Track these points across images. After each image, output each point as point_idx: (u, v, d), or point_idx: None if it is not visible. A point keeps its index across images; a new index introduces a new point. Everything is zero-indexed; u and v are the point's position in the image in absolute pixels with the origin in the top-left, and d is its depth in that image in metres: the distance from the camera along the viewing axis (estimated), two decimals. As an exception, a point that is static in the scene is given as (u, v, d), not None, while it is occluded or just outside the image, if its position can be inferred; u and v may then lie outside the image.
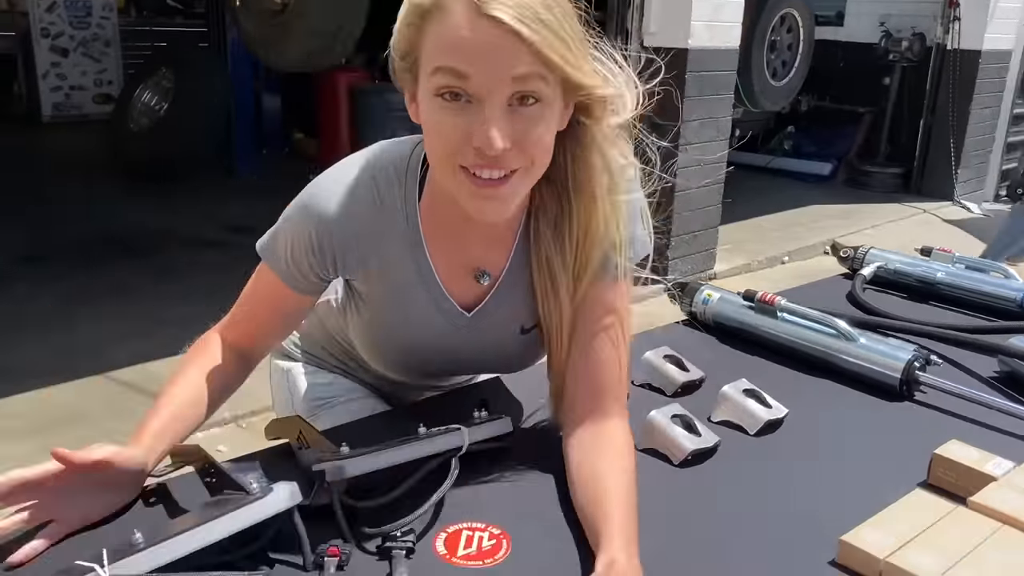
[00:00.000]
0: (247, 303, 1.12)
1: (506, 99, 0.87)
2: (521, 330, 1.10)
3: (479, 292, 1.08)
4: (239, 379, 1.12)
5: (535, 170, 0.93)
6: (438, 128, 0.90)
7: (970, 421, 1.22)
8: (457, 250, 1.06)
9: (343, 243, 1.02)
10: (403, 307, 1.08)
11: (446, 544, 0.89)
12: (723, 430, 1.15)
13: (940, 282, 1.71)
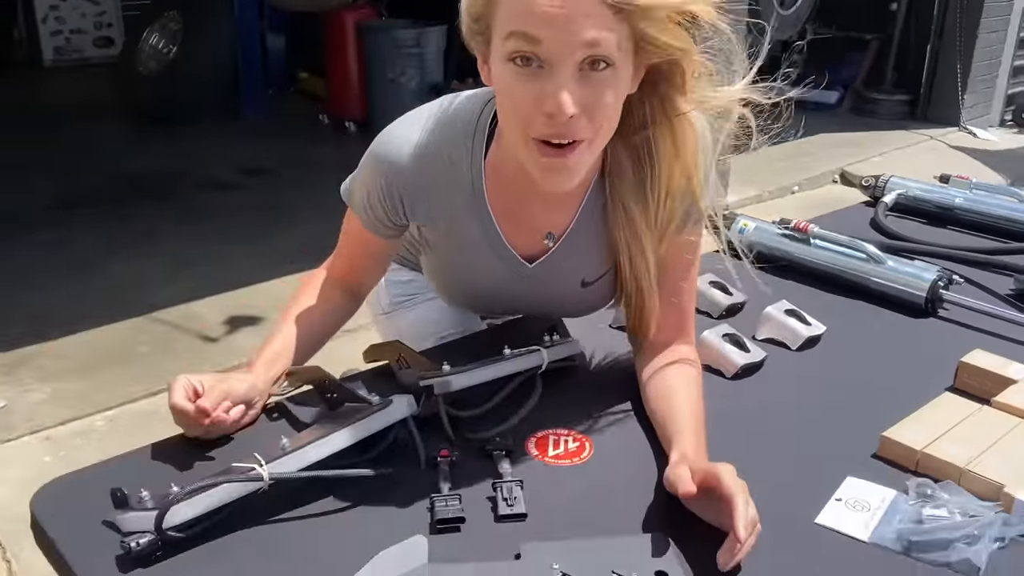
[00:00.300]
0: (342, 244, 1.22)
1: (577, 64, 0.89)
2: (582, 283, 1.17)
3: (544, 247, 1.14)
4: (348, 311, 1.23)
5: (599, 140, 0.96)
6: (510, 94, 0.93)
7: (989, 334, 1.34)
8: (522, 208, 1.10)
9: (412, 193, 1.09)
10: (468, 259, 1.15)
11: (537, 446, 1.02)
12: (767, 346, 1.27)
13: (958, 207, 1.81)
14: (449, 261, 1.19)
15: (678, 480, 0.86)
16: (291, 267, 3.52)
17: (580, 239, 1.12)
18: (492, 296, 1.22)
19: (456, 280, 1.22)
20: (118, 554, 0.83)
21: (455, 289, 1.25)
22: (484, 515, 0.90)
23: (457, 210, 1.10)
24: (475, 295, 1.24)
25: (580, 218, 1.11)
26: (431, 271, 1.25)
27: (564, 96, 0.88)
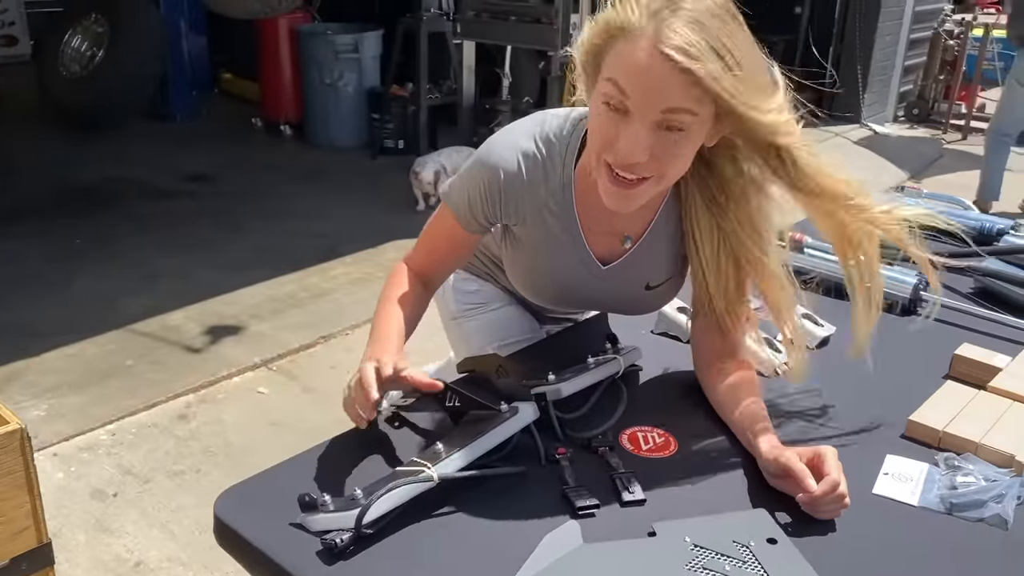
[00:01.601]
0: (427, 238, 1.36)
1: (654, 122, 1.03)
2: (647, 287, 1.33)
3: (619, 251, 1.30)
4: (425, 302, 1.36)
5: (665, 181, 1.11)
6: (598, 126, 1.09)
7: (961, 327, 1.59)
8: (602, 215, 1.23)
9: (511, 195, 1.24)
10: (550, 255, 1.30)
11: (630, 441, 1.20)
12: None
13: (913, 215, 2.07)
14: (532, 256, 1.33)
15: (789, 461, 1.06)
16: (251, 276, 3.61)
17: (650, 248, 1.29)
18: (565, 291, 1.37)
19: (532, 274, 1.36)
20: (318, 550, 0.97)
21: (530, 282, 1.38)
22: (609, 501, 1.07)
23: (547, 213, 1.25)
24: (550, 289, 1.38)
25: (654, 228, 1.27)
26: (510, 265, 1.39)
27: (635, 145, 1.04)
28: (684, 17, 1.01)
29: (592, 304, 1.47)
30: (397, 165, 5.17)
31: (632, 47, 1.02)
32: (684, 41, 1.00)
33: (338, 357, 3.07)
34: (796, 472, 1.05)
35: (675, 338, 1.52)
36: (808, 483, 1.04)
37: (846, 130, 6.88)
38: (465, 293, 1.60)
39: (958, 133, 7.18)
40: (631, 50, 1.02)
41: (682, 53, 0.99)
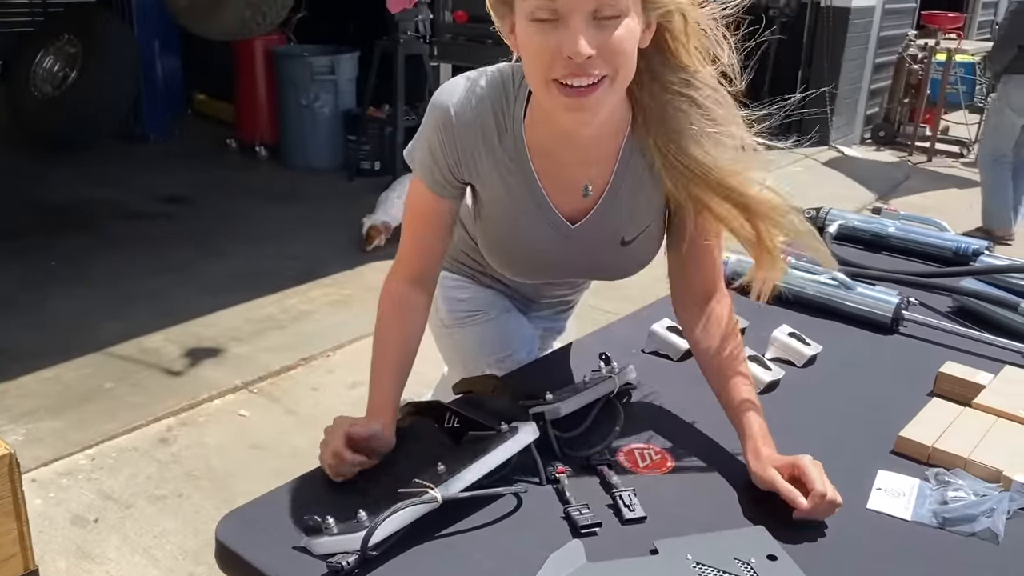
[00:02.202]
0: (408, 224, 1.32)
1: (589, 14, 1.02)
2: (623, 242, 1.29)
3: (584, 206, 1.25)
4: (427, 308, 1.33)
5: (619, 80, 1.07)
6: (534, 47, 1.05)
7: (942, 345, 1.63)
8: (561, 167, 1.22)
9: (464, 141, 1.20)
10: (515, 216, 1.27)
11: (627, 459, 1.21)
12: (778, 364, 1.51)
13: (891, 235, 2.12)
14: (500, 225, 1.30)
15: (774, 483, 1.09)
16: (230, 298, 3.59)
17: (617, 197, 1.24)
18: (539, 258, 1.33)
19: (506, 242, 1.32)
20: (323, 573, 0.97)
21: (506, 255, 1.35)
22: (609, 519, 1.09)
23: (504, 170, 1.23)
24: (523, 258, 1.34)
25: (616, 176, 1.23)
26: (481, 236, 1.35)
27: (580, 40, 1.01)
28: None
29: (571, 270, 1.41)
30: (374, 186, 5.16)
31: None
32: None
33: (319, 379, 3.06)
34: (782, 492, 1.09)
35: (667, 357, 1.54)
36: (798, 501, 1.08)
37: (815, 152, 7.00)
38: (457, 301, 1.60)
39: (924, 155, 7.34)
40: None
41: None
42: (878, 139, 7.85)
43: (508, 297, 1.63)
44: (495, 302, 1.61)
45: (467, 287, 1.61)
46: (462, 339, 1.60)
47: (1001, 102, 5.12)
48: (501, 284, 1.61)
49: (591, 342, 1.59)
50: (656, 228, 1.30)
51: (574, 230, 1.27)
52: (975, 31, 10.13)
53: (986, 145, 5.29)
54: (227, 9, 4.32)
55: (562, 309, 1.74)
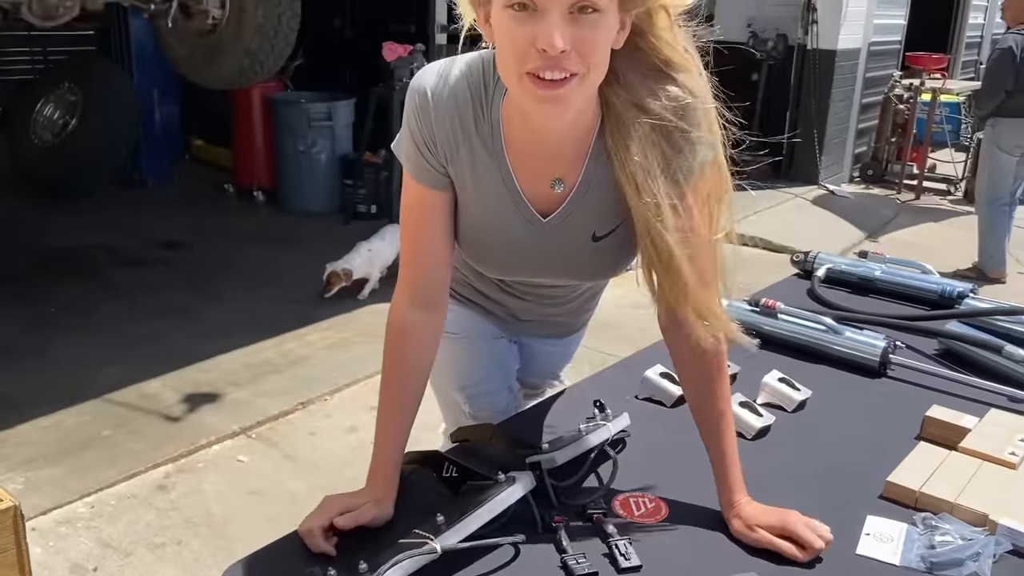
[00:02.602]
0: (404, 225, 1.29)
1: (566, 7, 1.01)
2: (593, 237, 1.27)
3: (555, 200, 1.24)
4: (436, 332, 1.31)
5: (590, 77, 1.06)
6: (509, 37, 1.05)
7: (929, 388, 1.67)
8: (534, 160, 1.21)
9: (441, 122, 1.19)
10: (489, 207, 1.25)
11: (622, 507, 1.24)
12: (768, 410, 1.55)
13: (878, 279, 2.17)
14: (473, 214, 1.28)
15: (764, 542, 1.14)
16: (228, 342, 3.62)
17: (588, 192, 1.23)
18: (512, 252, 1.31)
19: (477, 233, 1.30)
20: (328, 624, 0.99)
21: (478, 243, 1.32)
22: (606, 568, 1.11)
23: (478, 155, 1.22)
24: (497, 252, 1.32)
25: (586, 171, 1.22)
26: (460, 232, 1.31)
27: (555, 33, 1.00)
28: None
29: (543, 266, 1.36)
30: (370, 229, 5.20)
31: None
32: None
33: (317, 423, 3.08)
34: (775, 548, 1.13)
35: (660, 403, 1.57)
36: (792, 553, 1.12)
37: (804, 191, 7.10)
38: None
39: (912, 192, 7.44)
40: None
41: None
42: (867, 177, 7.96)
43: (490, 314, 1.58)
44: (475, 325, 1.58)
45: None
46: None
47: (991, 145, 5.19)
48: (484, 298, 1.56)
49: (585, 388, 1.62)
50: (627, 230, 1.25)
51: (546, 223, 1.26)
52: (959, 70, 10.32)
53: (983, 189, 5.34)
54: (225, 59, 4.40)
55: (552, 333, 1.67)
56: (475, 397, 1.59)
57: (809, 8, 7.04)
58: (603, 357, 3.40)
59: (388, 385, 1.27)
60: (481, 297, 1.57)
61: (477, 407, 1.59)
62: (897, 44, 8.46)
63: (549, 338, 1.67)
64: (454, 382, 1.59)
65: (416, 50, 5.03)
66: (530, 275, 1.42)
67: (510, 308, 1.56)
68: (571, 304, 1.57)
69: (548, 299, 1.54)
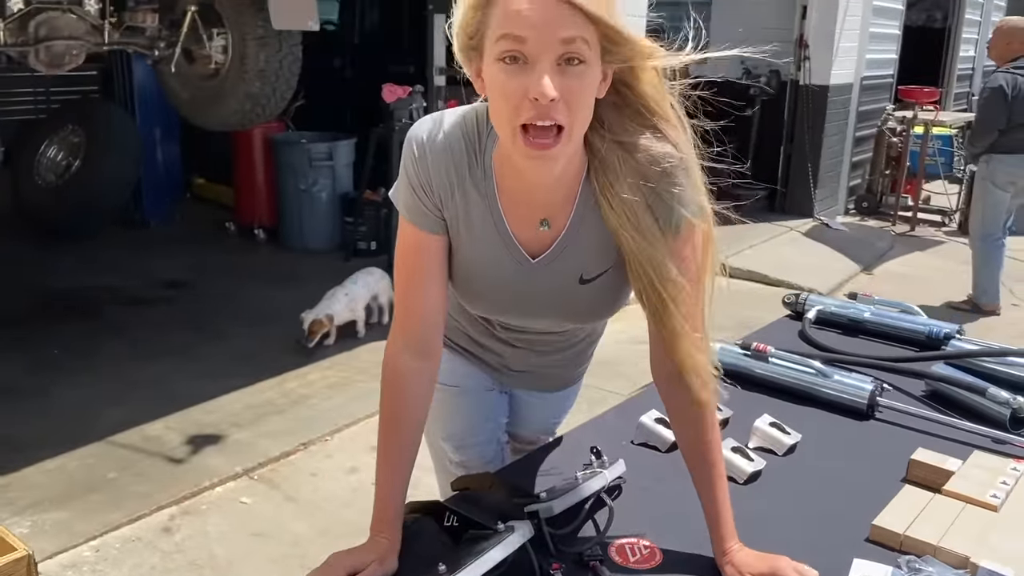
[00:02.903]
0: (399, 269, 1.33)
1: (555, 59, 1.07)
2: (580, 279, 1.32)
3: (544, 241, 1.29)
4: (432, 382, 1.34)
5: (576, 130, 1.12)
6: (501, 90, 1.10)
7: (916, 431, 1.71)
8: (524, 205, 1.27)
9: (436, 167, 1.25)
10: (480, 248, 1.30)
11: (618, 554, 1.28)
12: (759, 454, 1.59)
13: (867, 320, 2.22)
14: (464, 255, 1.32)
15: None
16: (230, 382, 3.66)
17: (577, 235, 1.28)
18: (502, 290, 1.35)
19: (470, 274, 1.35)
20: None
21: (469, 282, 1.36)
22: (601, 613, 1.15)
23: (471, 197, 1.27)
24: (487, 291, 1.37)
25: (575, 215, 1.27)
26: (455, 275, 1.36)
27: (546, 81, 1.06)
28: None
29: (532, 306, 1.39)
30: (371, 266, 5.29)
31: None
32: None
33: (318, 464, 3.12)
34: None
35: (655, 448, 1.62)
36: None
37: (799, 224, 7.18)
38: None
39: (907, 224, 7.53)
40: (513, 2, 1.09)
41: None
42: (861, 210, 8.05)
43: (483, 363, 1.60)
44: (466, 375, 1.60)
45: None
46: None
47: (985, 182, 5.24)
48: (476, 346, 1.59)
49: (582, 434, 1.67)
50: (616, 275, 1.30)
51: (535, 264, 1.31)
52: (951, 103, 10.46)
53: (976, 224, 5.39)
54: (228, 102, 4.48)
55: (545, 387, 1.70)
56: (462, 448, 1.62)
57: (801, 45, 7.17)
58: (602, 395, 3.45)
59: (386, 432, 1.31)
60: (474, 345, 1.60)
61: (464, 457, 1.63)
62: (889, 78, 8.61)
63: (543, 392, 1.70)
64: (441, 432, 1.62)
65: (415, 91, 5.13)
66: (521, 315, 1.44)
67: (503, 357, 1.59)
68: (564, 354, 1.60)
69: (540, 347, 1.56)
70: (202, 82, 4.57)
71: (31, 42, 3.86)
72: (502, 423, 1.68)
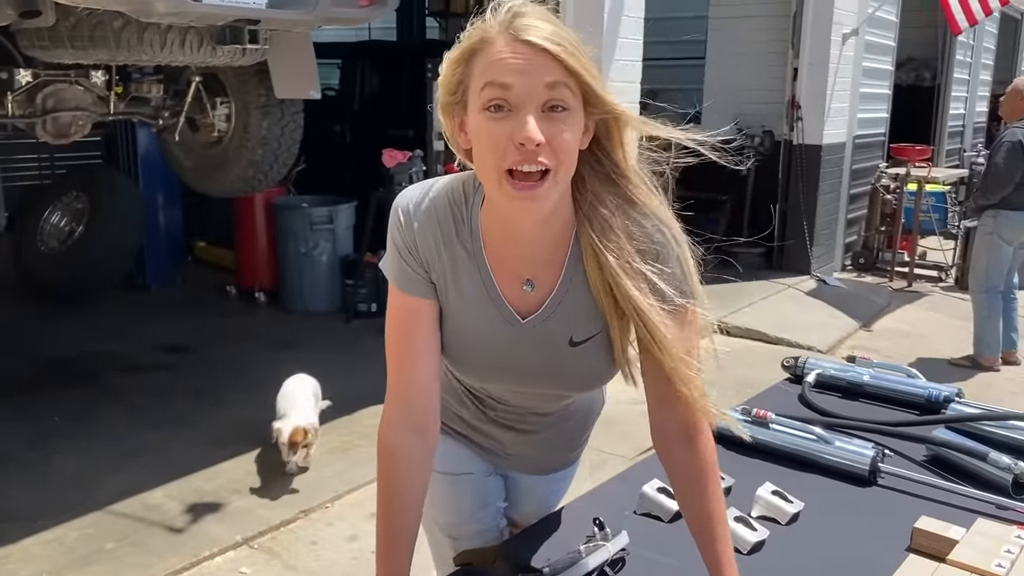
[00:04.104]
0: (390, 341, 1.32)
1: (539, 105, 1.11)
2: (570, 342, 1.31)
3: (532, 303, 1.30)
4: (429, 457, 1.33)
5: (562, 173, 1.15)
6: (487, 136, 1.13)
7: (919, 497, 1.71)
8: (511, 262, 1.28)
9: (422, 231, 1.27)
10: (469, 309, 1.31)
11: (623, 629, 1.28)
12: (762, 523, 1.59)
13: (866, 384, 2.23)
14: (453, 317, 1.32)
15: None
16: (230, 449, 3.64)
17: (568, 294, 1.29)
18: (491, 352, 1.34)
19: (460, 337, 1.34)
20: None
21: (460, 347, 1.35)
22: None
23: (459, 259, 1.29)
24: (478, 356, 1.36)
25: (564, 276, 1.29)
26: (443, 339, 1.35)
27: (531, 125, 1.10)
28: (534, 15, 1.14)
29: (523, 371, 1.37)
30: (370, 327, 5.34)
31: (497, 48, 1.14)
32: (541, 32, 1.13)
33: (318, 532, 3.09)
34: None
35: (657, 518, 1.62)
36: None
37: (797, 281, 7.21)
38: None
39: (903, 280, 7.57)
40: (497, 51, 1.13)
41: (541, 38, 1.12)
42: (858, 266, 8.10)
43: (477, 447, 1.59)
44: (461, 460, 1.59)
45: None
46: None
47: (992, 236, 5.24)
48: (469, 428, 1.57)
49: (583, 505, 1.66)
50: (604, 340, 1.31)
51: (524, 324, 1.31)
52: (943, 159, 10.60)
53: (979, 277, 5.39)
54: (231, 169, 4.56)
55: (541, 470, 1.67)
56: (460, 537, 1.59)
57: (793, 106, 7.31)
58: (603, 457, 3.44)
59: (385, 515, 1.29)
60: (469, 428, 1.58)
61: (462, 545, 1.59)
62: (881, 136, 8.74)
63: (539, 475, 1.68)
64: (438, 520, 1.60)
65: (415, 156, 5.21)
66: (511, 380, 1.42)
67: (497, 439, 1.57)
68: (559, 430, 1.58)
69: (534, 426, 1.55)
70: (205, 150, 4.66)
71: (38, 113, 3.94)
72: (501, 507, 1.66)
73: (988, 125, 12.99)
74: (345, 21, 4.09)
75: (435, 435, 1.34)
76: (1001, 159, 5.12)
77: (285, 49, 3.96)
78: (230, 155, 4.54)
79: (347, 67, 7.54)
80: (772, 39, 7.45)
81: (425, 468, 1.33)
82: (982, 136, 12.69)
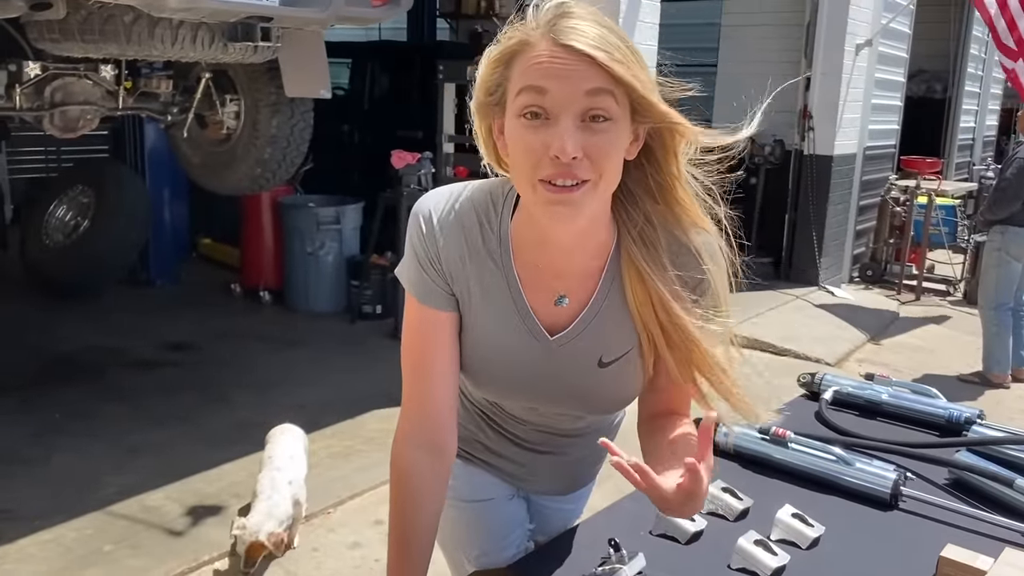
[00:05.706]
0: (406, 352, 1.27)
1: (579, 115, 1.04)
2: (599, 362, 1.25)
3: (562, 319, 1.24)
4: (444, 480, 1.28)
5: (603, 185, 1.08)
6: (522, 145, 1.07)
7: (942, 522, 1.66)
8: (542, 274, 1.22)
9: (446, 240, 1.21)
10: (495, 321, 1.24)
11: (641, 658, 1.23)
12: (782, 547, 1.54)
13: (885, 402, 2.18)
14: (478, 330, 1.26)
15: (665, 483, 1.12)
16: (233, 450, 3.60)
17: (600, 313, 1.23)
18: (516, 369, 1.28)
19: (483, 352, 1.27)
20: None
21: (483, 365, 1.29)
22: None
23: (486, 270, 1.22)
24: (501, 369, 1.29)
25: (600, 290, 1.22)
26: (465, 355, 1.29)
27: (567, 139, 1.03)
28: (578, 16, 1.07)
29: (547, 389, 1.31)
30: (375, 329, 5.31)
31: (537, 52, 1.07)
32: (585, 36, 1.05)
33: (320, 539, 3.04)
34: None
35: (674, 539, 1.57)
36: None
37: (805, 293, 7.16)
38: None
39: (912, 293, 7.51)
40: (537, 54, 1.07)
41: (584, 43, 1.04)
42: (866, 278, 8.05)
43: (499, 471, 1.53)
44: (485, 487, 1.53)
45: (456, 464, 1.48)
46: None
47: (1000, 252, 5.20)
48: (491, 454, 1.51)
49: (598, 524, 1.62)
50: (633, 360, 1.26)
51: (552, 341, 1.24)
52: (953, 172, 10.56)
53: (988, 294, 5.34)
54: (239, 167, 4.52)
55: (563, 490, 1.63)
56: (488, 565, 1.52)
57: (805, 116, 7.26)
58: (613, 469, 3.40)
59: (398, 533, 1.25)
60: (485, 452, 1.52)
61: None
62: (892, 148, 8.69)
63: (560, 495, 1.63)
64: (466, 552, 1.53)
65: (424, 158, 5.17)
66: (533, 398, 1.36)
67: (517, 460, 1.51)
68: (578, 448, 1.53)
69: (553, 447, 1.50)
70: (214, 147, 4.62)
71: (46, 107, 3.91)
72: (526, 530, 1.59)
73: (998, 139, 12.94)
74: (358, 20, 4.04)
75: (451, 455, 1.29)
76: (1012, 175, 5.08)
77: (297, 47, 3.92)
78: (238, 153, 4.50)
79: (357, 67, 7.51)
80: (784, 48, 7.40)
81: (440, 490, 1.28)
82: (991, 150, 12.64)
